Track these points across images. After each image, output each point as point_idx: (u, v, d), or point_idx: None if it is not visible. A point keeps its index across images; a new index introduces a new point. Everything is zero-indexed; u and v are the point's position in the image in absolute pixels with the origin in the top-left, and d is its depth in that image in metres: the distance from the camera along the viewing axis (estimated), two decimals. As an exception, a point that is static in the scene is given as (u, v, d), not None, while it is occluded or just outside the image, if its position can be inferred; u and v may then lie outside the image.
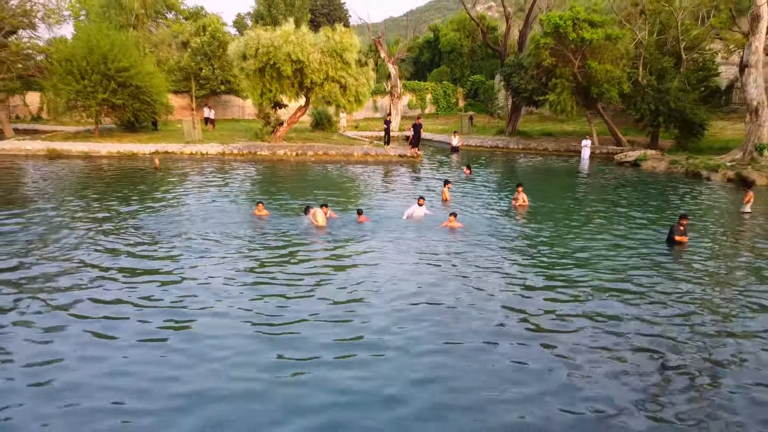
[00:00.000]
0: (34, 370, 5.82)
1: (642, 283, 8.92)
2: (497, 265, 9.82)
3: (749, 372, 6.09)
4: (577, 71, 27.26)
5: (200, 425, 4.92)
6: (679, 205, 16.30)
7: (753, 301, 8.23)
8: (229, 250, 10.44)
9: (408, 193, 17.39)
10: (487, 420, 5.07)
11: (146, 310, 7.44)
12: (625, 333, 7.01)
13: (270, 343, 6.53)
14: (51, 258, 9.64)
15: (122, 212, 13.53)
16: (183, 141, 26.77)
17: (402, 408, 5.22)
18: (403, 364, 6.08)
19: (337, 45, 25.52)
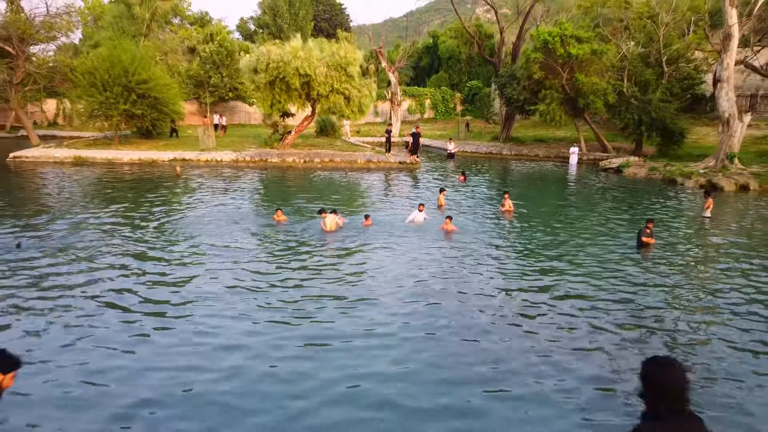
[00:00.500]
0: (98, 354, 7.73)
1: (613, 277, 10.84)
2: (485, 264, 11.75)
3: (703, 346, 8.01)
4: (566, 83, 29.24)
5: (238, 395, 6.82)
6: (651, 210, 18.26)
7: (705, 289, 10.18)
8: (254, 252, 12.39)
9: (408, 199, 19.37)
10: (470, 377, 6.99)
11: (182, 306, 9.36)
12: (598, 318, 8.95)
13: (295, 330, 8.41)
14: (95, 258, 11.58)
15: (152, 218, 15.49)
16: (197, 148, 28.75)
17: (405, 376, 7.13)
18: (404, 343, 8.01)
19: (342, 59, 27.44)
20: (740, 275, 11.10)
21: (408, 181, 24.29)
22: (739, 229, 15.72)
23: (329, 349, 7.50)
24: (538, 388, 6.50)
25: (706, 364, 7.23)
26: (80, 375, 6.62)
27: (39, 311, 8.58)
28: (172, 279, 10.35)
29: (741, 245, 13.74)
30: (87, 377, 6.57)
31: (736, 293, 10.02)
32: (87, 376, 6.60)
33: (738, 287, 10.34)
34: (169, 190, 20.15)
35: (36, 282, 9.92)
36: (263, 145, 30.82)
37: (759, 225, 16.42)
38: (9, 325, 8.03)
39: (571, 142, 32.95)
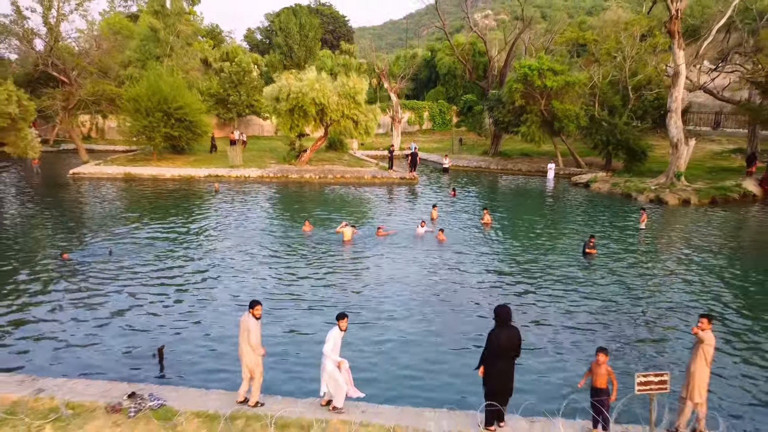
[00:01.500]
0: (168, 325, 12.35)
1: (564, 276, 15.46)
2: (468, 264, 16.39)
3: (632, 326, 12.62)
4: (543, 109, 33.89)
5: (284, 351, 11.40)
6: (602, 223, 22.91)
7: (628, 284, 14.81)
8: (289, 256, 17.02)
9: (409, 212, 24.03)
10: (457, 340, 11.59)
11: (237, 296, 13.99)
12: (546, 303, 13.57)
13: (320, 313, 12.95)
14: (162, 259, 16.23)
15: (203, 227, 20.13)
16: (227, 164, 33.39)
17: (412, 342, 11.74)
18: (411, 319, 12.62)
19: (351, 90, 32.06)
20: (660, 274, 15.79)
21: (408, 195, 28.97)
22: (667, 239, 20.38)
23: (354, 325, 12.14)
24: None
25: (621, 332, 11.93)
26: (193, 325, 11.34)
27: (147, 297, 13.29)
28: (225, 273, 15.03)
29: (664, 251, 18.42)
30: (196, 328, 11.28)
31: (653, 285, 14.72)
32: (198, 328, 11.32)
33: (654, 282, 15.05)
34: (211, 203, 24.79)
35: (134, 276, 14.62)
36: (282, 161, 35.46)
37: (683, 233, 21.10)
38: (136, 305, 12.74)
39: (553, 156, 37.63)
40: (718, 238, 20.44)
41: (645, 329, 11.96)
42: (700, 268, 16.57)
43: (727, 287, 14.86)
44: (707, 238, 20.24)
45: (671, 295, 14.15)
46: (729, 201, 27.53)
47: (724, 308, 13.26)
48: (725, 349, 10.97)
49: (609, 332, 11.76)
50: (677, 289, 14.64)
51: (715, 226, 22.58)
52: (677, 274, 15.95)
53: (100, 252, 16.76)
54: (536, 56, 35.89)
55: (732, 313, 12.93)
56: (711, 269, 16.39)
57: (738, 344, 11.28)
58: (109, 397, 8.17)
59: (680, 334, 11.76)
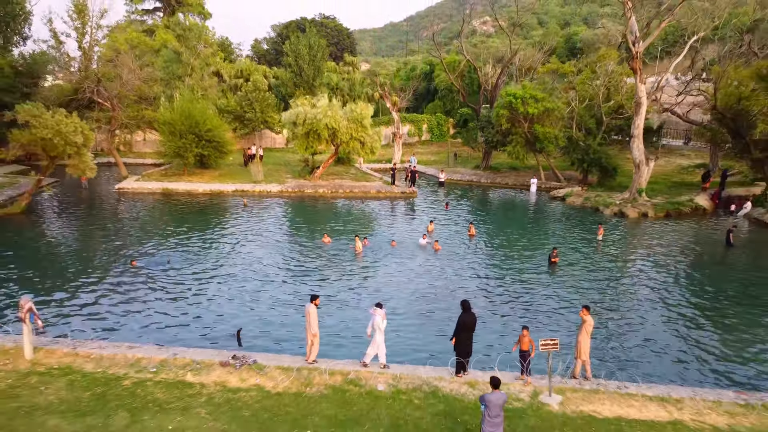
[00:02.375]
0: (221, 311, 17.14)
1: (533, 280, 20.25)
2: (457, 268, 21.17)
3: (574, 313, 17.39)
4: (527, 131, 38.67)
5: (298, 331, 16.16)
6: (572, 234, 27.67)
7: (582, 286, 19.60)
8: (310, 261, 21.82)
9: (409, 224, 28.82)
10: (438, 325, 16.33)
11: (274, 295, 18.78)
12: (515, 303, 18.34)
13: (341, 307, 17.75)
14: (214, 266, 21.02)
15: (238, 237, 24.92)
16: (250, 180, 38.16)
17: (413, 325, 16.50)
18: (408, 310, 17.39)
19: (358, 115, 36.81)
20: (601, 278, 20.62)
21: (408, 208, 33.79)
22: (618, 249, 25.17)
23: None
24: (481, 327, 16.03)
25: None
26: (251, 312, 16.19)
27: (209, 293, 18.15)
28: (268, 276, 19.85)
29: (612, 260, 23.24)
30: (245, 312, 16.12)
31: (593, 286, 19.55)
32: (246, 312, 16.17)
33: (595, 284, 19.89)
34: (242, 216, 29.59)
35: (197, 279, 19.46)
36: (297, 176, 40.25)
37: (632, 244, 25.90)
38: (206, 300, 17.58)
39: (536, 171, 42.41)
40: (659, 247, 25.26)
41: (568, 318, 16.76)
42: (633, 272, 21.39)
43: (642, 287, 19.69)
44: (650, 248, 25.07)
45: (602, 294, 18.96)
46: (681, 214, 32.33)
47: (630, 301, 18.09)
48: (612, 327, 15.80)
49: (547, 319, 16.55)
50: (609, 289, 19.45)
51: (659, 236, 27.40)
52: (614, 278, 20.77)
53: (161, 260, 21.52)
54: (521, 82, 40.65)
55: (633, 303, 17.77)
56: (640, 274, 21.22)
57: (618, 322, 16.11)
58: (219, 358, 12.96)
59: (596, 320, 16.58)
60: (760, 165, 32.62)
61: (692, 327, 16.44)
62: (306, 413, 10.71)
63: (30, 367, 12.42)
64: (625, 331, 16.10)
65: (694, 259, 23.95)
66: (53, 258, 22.03)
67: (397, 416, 10.67)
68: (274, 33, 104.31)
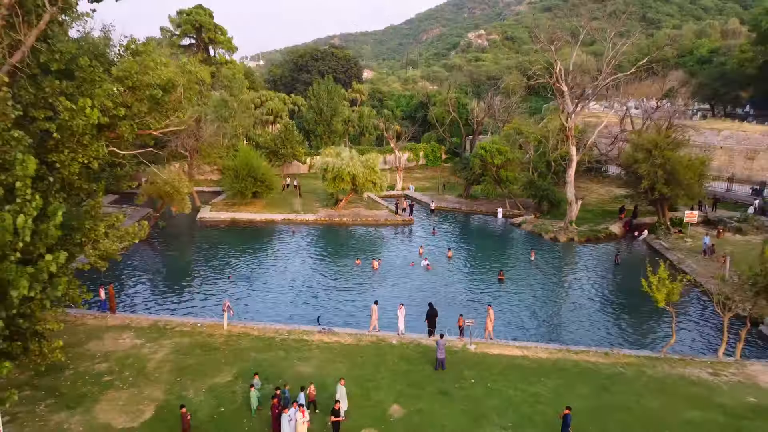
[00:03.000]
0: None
1: (479, 292, 34.22)
2: (441, 279, 35.16)
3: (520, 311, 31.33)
4: (494, 174, 52.59)
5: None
6: (518, 254, 41.62)
7: (512, 292, 33.61)
8: (354, 274, 35.81)
9: (408, 245, 42.81)
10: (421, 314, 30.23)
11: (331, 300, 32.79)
12: (469, 307, 32.30)
13: (372, 300, 31.64)
14: (289, 280, 35.04)
15: (297, 258, 38.92)
16: (292, 210, 52.06)
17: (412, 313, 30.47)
18: (414, 301, 31.36)
19: (372, 163, 50.71)
20: (536, 288, 34.76)
21: (407, 233, 47.81)
22: (544, 267, 39.14)
23: (386, 303, 31.12)
24: (444, 315, 30.25)
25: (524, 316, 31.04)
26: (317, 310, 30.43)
27: (292, 297, 32.33)
28: (325, 286, 33.95)
29: (538, 275, 37.30)
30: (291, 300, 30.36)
31: (530, 292, 33.71)
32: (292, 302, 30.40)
33: (532, 292, 34.05)
34: (294, 241, 43.60)
35: (280, 288, 33.60)
36: (325, 206, 54.19)
37: (553, 263, 39.91)
38: (291, 300, 31.78)
39: (505, 199, 56.23)
40: (572, 264, 39.34)
41: (499, 311, 30.81)
42: (551, 282, 35.45)
43: (553, 291, 33.73)
44: (567, 265, 39.15)
45: (526, 295, 32.97)
46: (599, 239, 46.31)
47: (544, 299, 32.16)
48: (526, 315, 29.92)
49: (477, 311, 30.53)
50: (532, 293, 33.48)
51: (576, 257, 41.45)
52: (538, 286, 34.78)
53: (248, 275, 35.44)
54: (491, 140, 54.55)
55: (533, 301, 31.84)
56: (556, 284, 35.28)
57: (516, 311, 30.18)
58: (317, 328, 26.94)
59: (509, 313, 30.59)
60: (653, 204, 46.58)
61: (582, 313, 30.50)
62: (359, 353, 24.70)
63: (227, 332, 26.42)
64: (534, 316, 30.15)
65: (590, 272, 38.03)
66: (191, 270, 36.09)
67: (401, 353, 24.65)
68: (290, 58, 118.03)
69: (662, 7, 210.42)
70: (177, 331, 26.51)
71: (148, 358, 23.65)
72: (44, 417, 19.19)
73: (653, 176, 42.18)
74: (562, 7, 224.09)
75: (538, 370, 23.18)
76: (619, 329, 29.79)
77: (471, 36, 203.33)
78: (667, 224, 45.55)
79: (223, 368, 22.97)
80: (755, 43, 71.54)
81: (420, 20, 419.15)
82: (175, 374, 22.38)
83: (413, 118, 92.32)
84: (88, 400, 20.31)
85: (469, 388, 21.67)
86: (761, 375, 23.44)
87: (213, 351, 24.51)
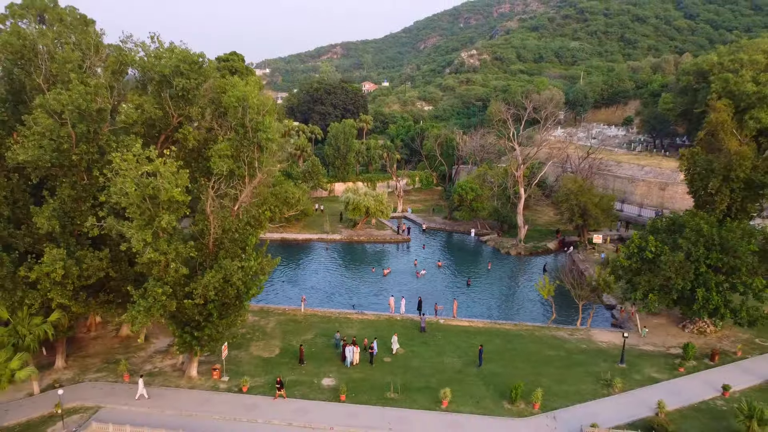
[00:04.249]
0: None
1: (451, 293, 54.57)
2: (429, 282, 55.51)
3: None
4: (468, 204, 72.85)
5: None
6: (479, 265, 62.03)
7: (474, 293, 53.99)
8: (367, 279, 56.17)
9: (407, 257, 63.24)
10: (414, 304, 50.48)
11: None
12: (444, 304, 52.63)
13: (386, 295, 51.86)
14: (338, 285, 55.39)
15: (332, 266, 59.29)
16: (322, 231, 72.31)
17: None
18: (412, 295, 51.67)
19: (381, 197, 71.03)
20: (491, 288, 55.32)
21: (406, 248, 68.28)
22: (496, 274, 59.57)
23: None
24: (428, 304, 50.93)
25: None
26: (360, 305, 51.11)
27: (340, 297, 52.94)
28: (354, 287, 54.44)
29: (497, 278, 57.80)
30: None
31: (485, 291, 54.31)
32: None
33: (489, 290, 54.66)
34: (326, 255, 64.03)
35: (311, 291, 54.17)
36: (346, 227, 74.46)
37: (501, 271, 60.35)
38: (348, 300, 52.40)
39: (480, 220, 76.32)
40: (518, 272, 59.78)
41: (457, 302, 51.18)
42: (504, 285, 55.86)
43: (499, 289, 54.14)
44: (512, 272, 59.61)
45: (482, 292, 53.32)
46: (539, 253, 66.66)
47: (492, 296, 52.60)
48: (481, 305, 50.43)
49: (448, 301, 50.87)
50: (487, 291, 53.84)
51: (519, 266, 61.87)
52: (492, 287, 55.15)
53: (299, 279, 55.76)
54: (468, 179, 74.87)
55: (482, 297, 52.30)
56: (507, 285, 55.70)
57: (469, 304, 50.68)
58: (354, 312, 47.29)
59: (471, 303, 50.97)
60: (576, 229, 66.89)
61: (513, 302, 50.89)
62: (380, 324, 45.02)
63: (304, 313, 46.75)
64: (485, 305, 50.53)
65: (525, 277, 58.48)
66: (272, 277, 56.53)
67: (402, 324, 44.95)
68: (304, 91, 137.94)
69: (639, 28, 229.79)
70: (274, 312, 46.86)
71: (265, 326, 43.98)
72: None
73: (573, 211, 62.47)
74: (548, 27, 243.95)
75: (475, 332, 43.51)
76: (530, 311, 50.11)
77: (464, 55, 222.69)
78: (585, 243, 65.88)
79: (306, 332, 43.24)
80: (675, 95, 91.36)
81: (418, 29, 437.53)
82: (282, 334, 42.71)
83: (411, 146, 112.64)
84: (243, 346, 40.57)
85: (437, 340, 42.03)
86: (595, 335, 43.77)
87: (298, 323, 44.86)
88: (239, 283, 31.39)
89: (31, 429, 30.34)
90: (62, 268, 29.93)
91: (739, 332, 42.80)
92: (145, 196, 28.38)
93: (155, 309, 29.81)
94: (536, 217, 79.18)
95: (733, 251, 38.81)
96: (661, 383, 35.74)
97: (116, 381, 35.21)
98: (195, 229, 33.29)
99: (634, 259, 41.65)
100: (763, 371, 37.04)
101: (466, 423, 31.23)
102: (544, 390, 33.54)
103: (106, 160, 30.92)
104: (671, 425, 30.51)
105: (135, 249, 28.75)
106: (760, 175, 45.79)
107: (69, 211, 32.48)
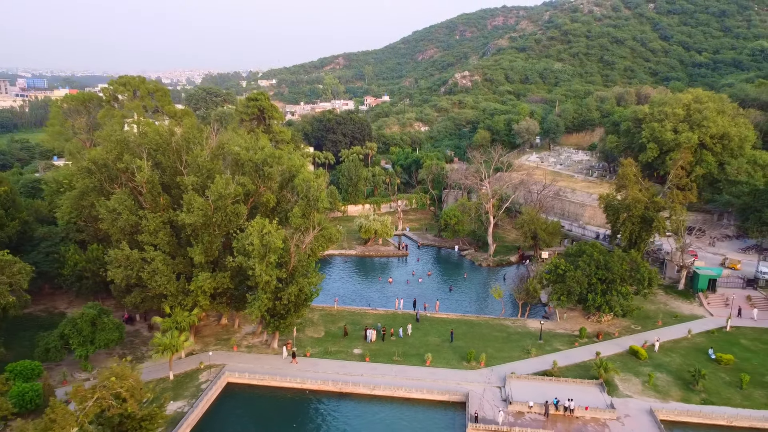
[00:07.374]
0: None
1: (438, 295, 77.45)
2: (422, 287, 78.35)
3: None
4: (452, 227, 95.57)
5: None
6: (459, 274, 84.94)
7: (455, 297, 76.88)
8: (384, 286, 79.06)
9: (405, 268, 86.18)
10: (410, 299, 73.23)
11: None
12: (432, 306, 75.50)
13: (394, 297, 74.58)
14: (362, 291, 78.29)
15: (351, 274, 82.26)
16: (341, 247, 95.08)
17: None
18: (407, 296, 74.43)
19: (386, 221, 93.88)
20: (466, 292, 78.43)
21: (405, 261, 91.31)
22: (469, 282, 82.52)
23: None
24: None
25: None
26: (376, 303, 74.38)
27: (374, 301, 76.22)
28: (373, 292, 77.50)
29: (473, 284, 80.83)
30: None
31: (462, 294, 77.45)
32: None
33: (466, 294, 77.80)
34: (343, 265, 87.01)
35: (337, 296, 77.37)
36: (358, 243, 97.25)
37: (476, 280, 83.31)
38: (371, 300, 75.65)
39: (462, 238, 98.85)
40: (487, 280, 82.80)
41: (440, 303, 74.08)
42: (480, 290, 78.80)
43: (474, 292, 77.10)
44: (483, 280, 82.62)
45: (462, 297, 76.21)
46: (503, 265, 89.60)
47: (469, 299, 75.60)
48: (461, 303, 73.54)
49: (431, 300, 73.72)
50: (464, 295, 76.75)
51: (487, 276, 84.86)
52: (467, 290, 78.03)
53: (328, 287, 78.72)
54: (453, 206, 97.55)
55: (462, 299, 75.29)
56: (474, 290, 78.66)
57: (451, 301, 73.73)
58: (369, 308, 70.24)
59: (449, 303, 73.87)
60: (532, 246, 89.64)
61: (481, 302, 73.86)
62: (388, 317, 67.84)
63: (338, 309, 69.59)
64: (459, 304, 73.47)
65: (491, 283, 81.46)
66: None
67: (403, 316, 67.77)
68: (317, 117, 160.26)
69: (617, 50, 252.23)
70: (316, 309, 69.56)
71: (312, 318, 66.81)
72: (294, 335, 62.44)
73: (526, 235, 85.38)
74: (535, 48, 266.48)
75: (450, 322, 66.30)
76: (491, 307, 72.83)
77: (457, 76, 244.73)
78: (537, 257, 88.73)
79: (340, 321, 65.98)
80: (619, 136, 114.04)
81: (416, 40, 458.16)
82: (324, 323, 65.50)
83: (409, 170, 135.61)
84: (300, 330, 63.31)
85: (425, 327, 64.87)
86: (529, 323, 66.55)
87: (334, 316, 67.80)
88: (308, 291, 54.26)
89: (190, 375, 53.12)
90: (208, 283, 52.72)
91: (623, 321, 65.77)
92: (264, 243, 51.11)
93: (261, 306, 52.53)
94: (505, 235, 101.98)
95: (611, 270, 61.84)
96: (561, 352, 58.70)
97: (229, 351, 58.00)
98: (281, 260, 56.16)
99: (551, 274, 64.62)
100: (626, 344, 60.01)
101: (439, 372, 54.20)
102: (488, 355, 56.46)
103: (229, 219, 54.01)
104: (557, 373, 53.55)
105: (257, 273, 51.42)
106: (650, 213, 69.56)
107: (206, 250, 55.20)
